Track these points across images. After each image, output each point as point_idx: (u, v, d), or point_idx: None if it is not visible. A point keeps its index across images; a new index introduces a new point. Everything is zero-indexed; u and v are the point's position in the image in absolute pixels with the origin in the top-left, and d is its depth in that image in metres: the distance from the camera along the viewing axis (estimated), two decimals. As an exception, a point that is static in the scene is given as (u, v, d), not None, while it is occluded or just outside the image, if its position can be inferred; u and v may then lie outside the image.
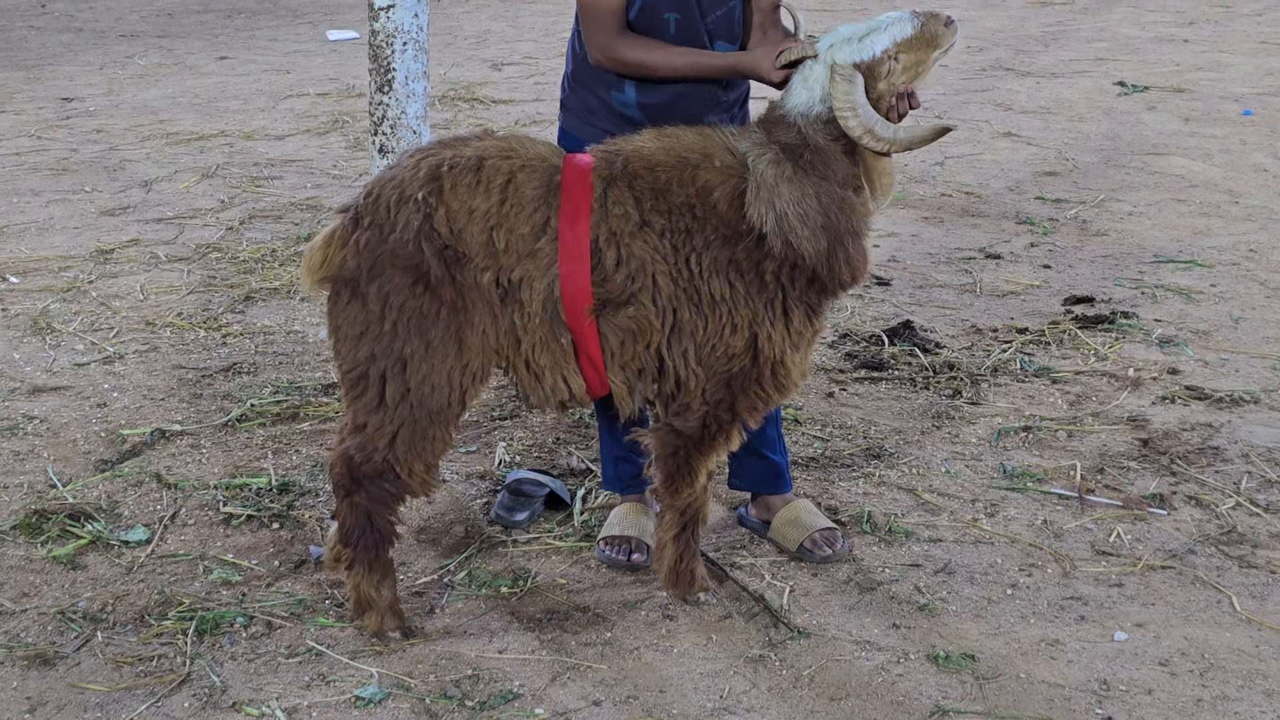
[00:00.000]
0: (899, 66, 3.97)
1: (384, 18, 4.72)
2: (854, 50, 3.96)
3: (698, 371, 4.07)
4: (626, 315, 3.98)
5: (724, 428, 4.17)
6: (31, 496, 5.02)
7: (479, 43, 14.27)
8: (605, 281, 3.94)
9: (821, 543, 4.65)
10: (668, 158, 4.02)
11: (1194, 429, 5.54)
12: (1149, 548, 4.72)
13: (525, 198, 3.93)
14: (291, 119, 11.00)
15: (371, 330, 3.94)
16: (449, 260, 3.90)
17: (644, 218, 3.95)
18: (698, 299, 3.99)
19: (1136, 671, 4.05)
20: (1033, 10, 16.09)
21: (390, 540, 4.17)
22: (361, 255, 3.92)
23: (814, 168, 3.99)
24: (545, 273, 3.93)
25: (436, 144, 4.06)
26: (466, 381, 4.00)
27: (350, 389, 4.03)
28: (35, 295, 7.00)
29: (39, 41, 14.59)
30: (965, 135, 10.34)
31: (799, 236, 3.96)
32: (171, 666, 4.06)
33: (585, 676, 4.03)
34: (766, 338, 4.04)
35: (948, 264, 7.55)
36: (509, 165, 3.96)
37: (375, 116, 4.82)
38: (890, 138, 3.92)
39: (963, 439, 5.49)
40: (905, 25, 3.96)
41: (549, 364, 4.03)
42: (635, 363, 4.07)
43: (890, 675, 4.03)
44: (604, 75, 4.42)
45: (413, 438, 4.01)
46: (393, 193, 3.94)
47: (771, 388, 4.14)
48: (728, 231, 3.98)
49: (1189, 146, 9.96)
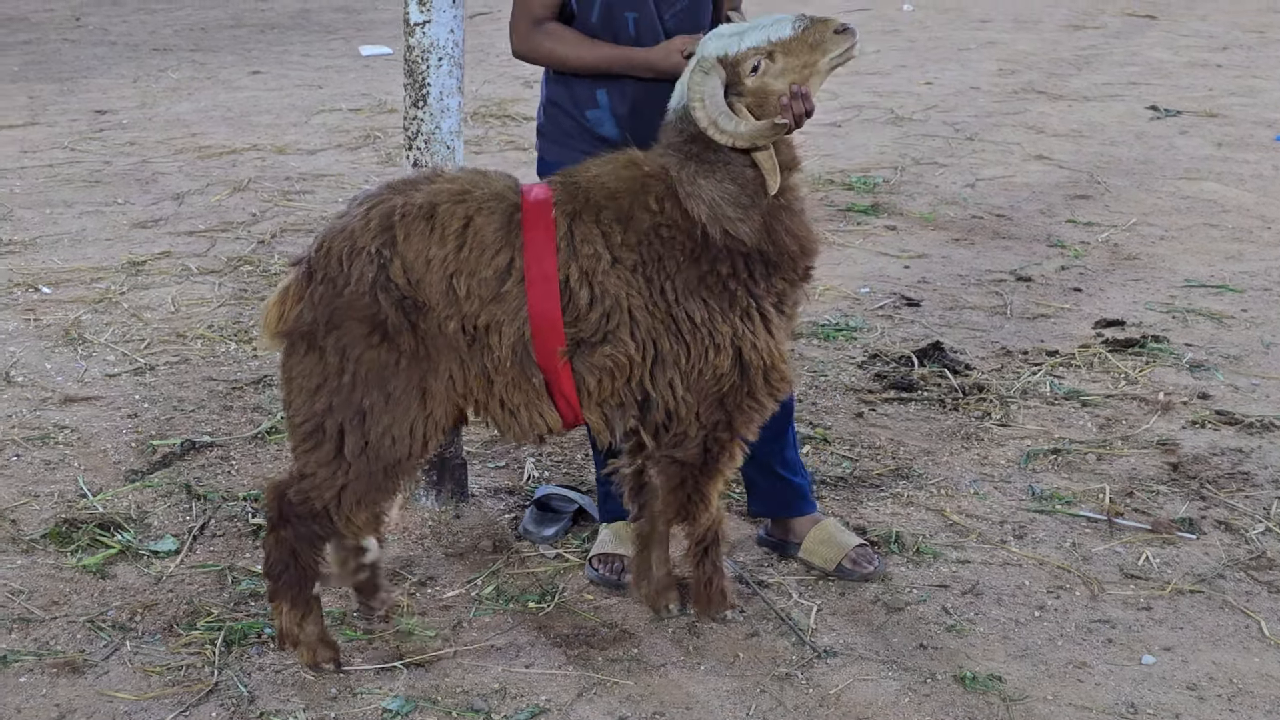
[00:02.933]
0: (774, 66, 3.89)
1: (419, 33, 4.73)
2: (721, 45, 3.91)
3: (687, 399, 4.01)
4: (603, 354, 3.91)
5: (725, 448, 4.12)
6: (62, 506, 5.05)
7: (511, 60, 14.21)
8: (578, 321, 3.87)
9: (861, 560, 4.64)
10: (621, 182, 3.96)
11: (1224, 454, 5.52)
12: (1178, 572, 4.70)
13: (485, 241, 3.84)
14: (323, 134, 11.04)
15: (329, 383, 3.86)
16: (408, 309, 3.83)
17: (614, 254, 3.88)
18: (676, 327, 3.92)
19: (1164, 695, 4.03)
20: (1065, 34, 16.06)
21: (314, 578, 4.08)
22: (317, 309, 3.84)
23: (707, 157, 3.92)
24: (514, 316, 3.85)
25: (385, 188, 3.97)
26: (430, 431, 3.94)
27: (302, 441, 3.95)
28: (67, 306, 7.04)
29: (73, 54, 14.67)
30: (997, 157, 10.33)
31: (731, 220, 3.91)
32: (199, 676, 4.08)
33: (612, 692, 4.03)
34: (751, 348, 3.98)
35: (978, 286, 7.54)
36: (464, 209, 3.87)
37: (409, 131, 4.83)
38: (732, 130, 3.84)
39: (992, 461, 5.48)
40: (784, 27, 3.88)
41: (522, 402, 3.96)
42: (614, 399, 4.00)
43: (917, 696, 4.02)
44: (578, 93, 4.40)
45: (365, 490, 3.94)
46: (344, 245, 3.85)
47: (765, 395, 4.08)
48: (690, 244, 3.91)
49: (1221, 171, 9.93)
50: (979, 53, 14.83)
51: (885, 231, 8.49)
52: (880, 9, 17.66)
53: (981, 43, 15.45)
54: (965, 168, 10.06)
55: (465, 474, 5.17)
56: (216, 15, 17.57)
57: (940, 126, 11.37)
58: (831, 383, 6.20)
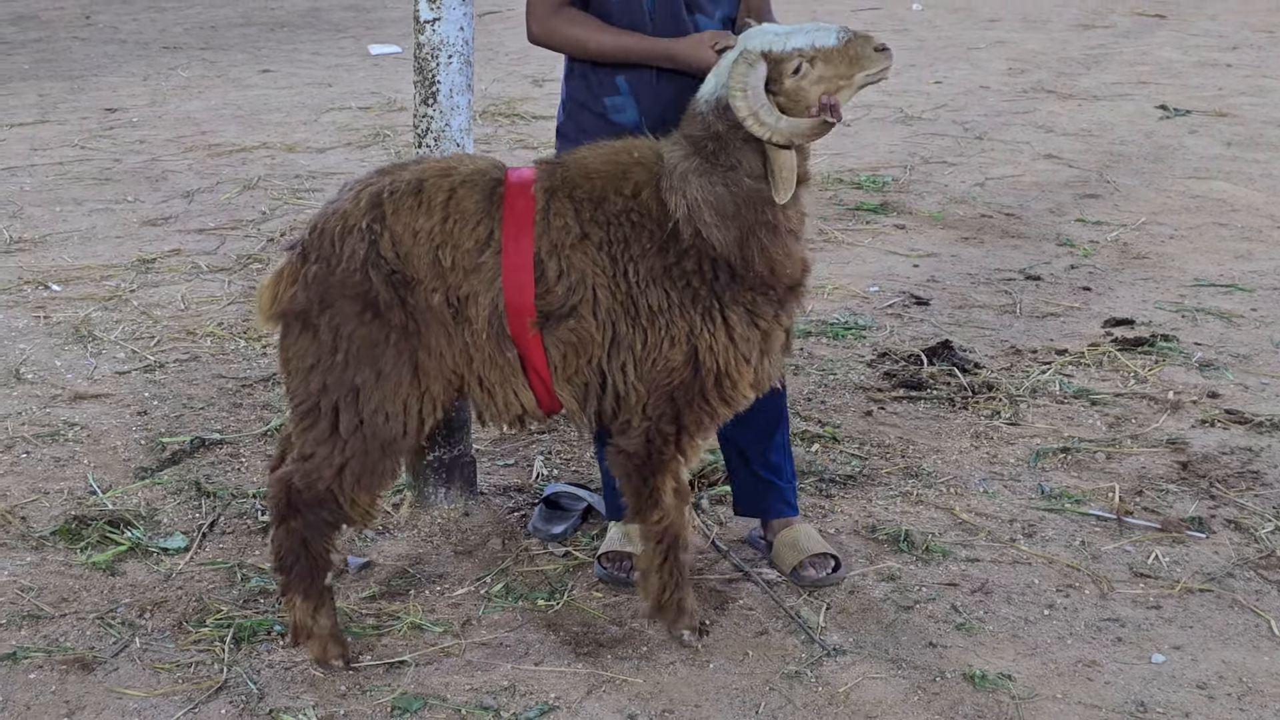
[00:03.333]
0: (813, 72, 3.90)
1: (429, 30, 4.73)
2: (767, 41, 3.93)
3: (637, 386, 4.00)
4: (568, 328, 3.93)
5: (670, 442, 4.06)
6: (72, 503, 5.05)
7: (520, 59, 14.30)
8: (547, 294, 3.91)
9: (809, 566, 4.60)
10: (603, 165, 4.01)
11: (1234, 453, 5.51)
12: (1187, 570, 4.70)
13: (467, 212, 3.91)
14: (333, 132, 11.05)
15: (324, 362, 3.92)
16: (397, 284, 3.88)
17: (584, 229, 3.93)
18: (635, 311, 3.94)
19: (1174, 694, 4.03)
20: (1075, 33, 16.04)
21: (326, 568, 4.10)
22: (310, 289, 3.91)
23: (718, 158, 3.94)
24: (489, 286, 3.90)
25: (375, 172, 4.05)
26: (426, 409, 3.97)
27: (300, 420, 4.00)
28: (77, 303, 7.05)
29: (83, 53, 14.69)
30: (1006, 156, 10.32)
31: (707, 225, 3.91)
32: (209, 673, 4.08)
33: (621, 690, 4.03)
34: (707, 349, 3.97)
35: (987, 285, 7.53)
36: (448, 182, 3.94)
37: (419, 129, 4.83)
38: (772, 125, 3.85)
39: (1001, 459, 5.47)
40: (829, 36, 3.91)
41: (498, 380, 3.99)
42: (580, 377, 4.01)
43: (926, 694, 4.02)
44: (598, 82, 4.39)
45: (362, 469, 3.97)
46: (336, 224, 3.93)
47: (716, 400, 4.05)
48: (659, 234, 3.93)
49: (1231, 171, 9.92)
50: (988, 52, 14.82)
51: (894, 230, 8.48)
52: (890, 8, 17.65)
53: (991, 42, 15.44)
54: (974, 167, 10.05)
55: (474, 472, 5.17)
56: (226, 13, 17.59)
57: (949, 125, 11.36)
58: (840, 381, 6.20)
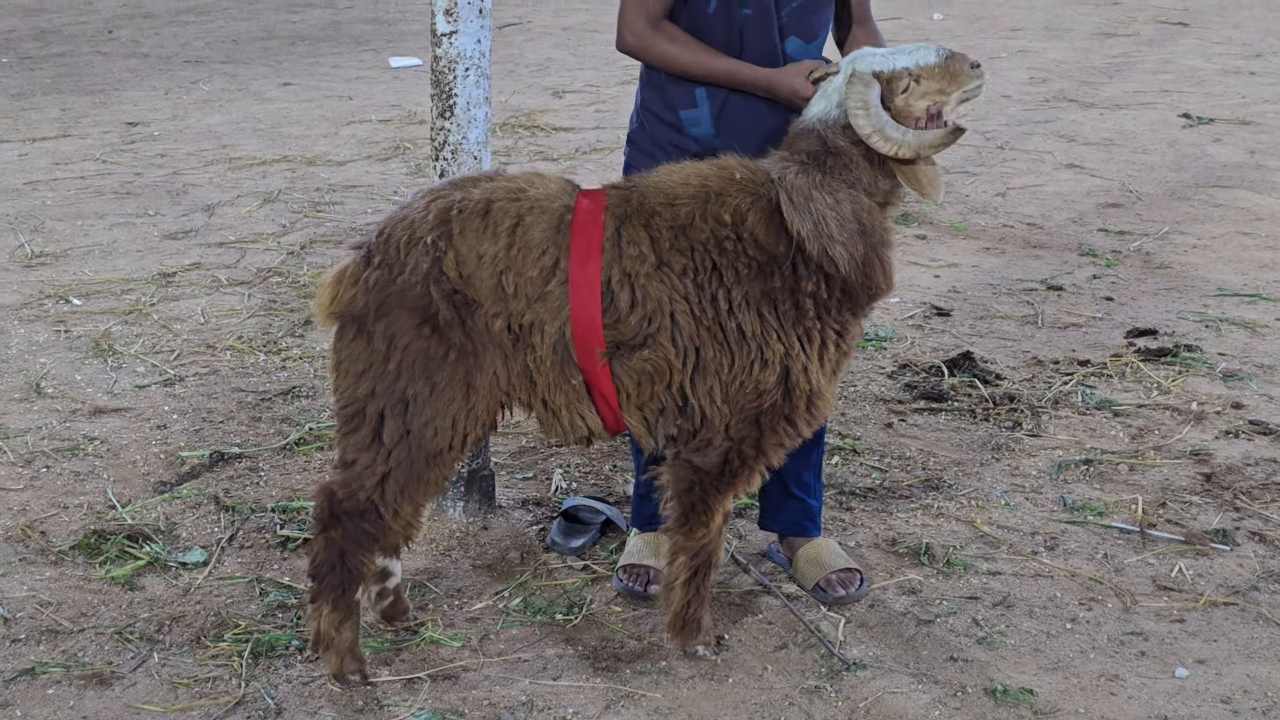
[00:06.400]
0: (918, 88, 3.95)
1: (446, 43, 4.73)
2: (874, 63, 3.97)
3: (723, 408, 3.98)
4: (642, 358, 3.90)
5: (747, 464, 4.06)
6: (91, 517, 5.05)
7: (540, 70, 14.31)
8: (619, 323, 3.87)
9: (837, 583, 4.58)
10: (687, 190, 3.96)
11: (1258, 464, 5.48)
12: (1211, 584, 4.66)
13: (533, 241, 3.87)
14: (353, 145, 11.06)
15: (375, 368, 3.91)
16: (458, 304, 3.86)
17: (661, 257, 3.88)
18: (723, 335, 3.90)
19: (1198, 709, 4.00)
20: (1097, 41, 16.00)
21: (359, 581, 4.08)
22: (370, 294, 3.89)
23: (839, 173, 3.93)
24: (556, 315, 3.87)
25: (448, 184, 4.03)
26: (470, 425, 3.96)
27: (344, 424, 4.00)
28: (97, 317, 7.06)
29: (105, 67, 14.74)
30: (1028, 166, 10.29)
31: (835, 243, 3.89)
32: (227, 688, 4.08)
33: (639, 705, 4.01)
34: (801, 370, 3.95)
35: (1009, 295, 7.51)
36: (516, 208, 3.90)
37: (436, 142, 4.83)
38: (899, 139, 3.88)
39: (1023, 471, 5.45)
40: (930, 54, 3.98)
41: (564, 403, 3.97)
42: (654, 402, 3.99)
43: (947, 709, 3.99)
44: (675, 93, 4.33)
45: (406, 480, 3.96)
46: (403, 233, 3.91)
47: (804, 421, 4.04)
48: (763, 259, 3.91)
49: (1254, 179, 9.88)
50: (1010, 61, 14.78)
51: (915, 240, 8.46)
52: (910, 17, 17.61)
53: (1012, 51, 15.40)
54: (996, 176, 10.02)
55: (493, 485, 5.16)
56: (248, 27, 17.63)
57: (971, 135, 11.32)
58: (861, 393, 6.18)
